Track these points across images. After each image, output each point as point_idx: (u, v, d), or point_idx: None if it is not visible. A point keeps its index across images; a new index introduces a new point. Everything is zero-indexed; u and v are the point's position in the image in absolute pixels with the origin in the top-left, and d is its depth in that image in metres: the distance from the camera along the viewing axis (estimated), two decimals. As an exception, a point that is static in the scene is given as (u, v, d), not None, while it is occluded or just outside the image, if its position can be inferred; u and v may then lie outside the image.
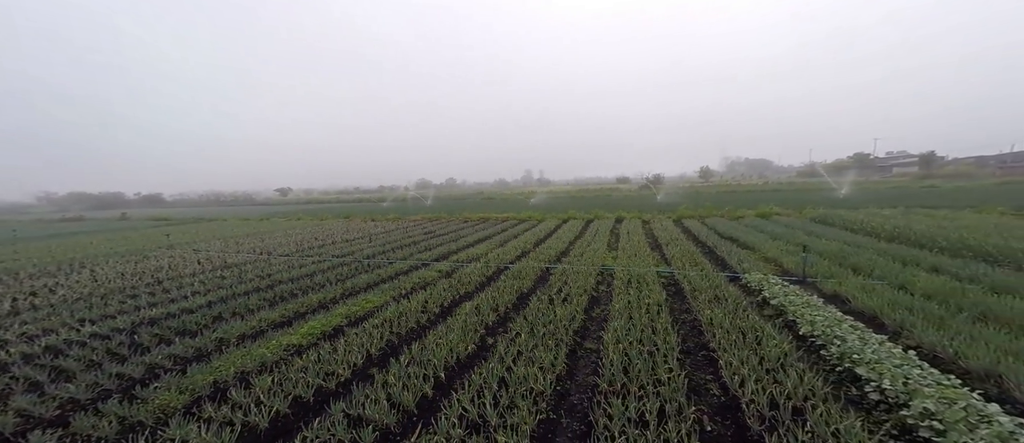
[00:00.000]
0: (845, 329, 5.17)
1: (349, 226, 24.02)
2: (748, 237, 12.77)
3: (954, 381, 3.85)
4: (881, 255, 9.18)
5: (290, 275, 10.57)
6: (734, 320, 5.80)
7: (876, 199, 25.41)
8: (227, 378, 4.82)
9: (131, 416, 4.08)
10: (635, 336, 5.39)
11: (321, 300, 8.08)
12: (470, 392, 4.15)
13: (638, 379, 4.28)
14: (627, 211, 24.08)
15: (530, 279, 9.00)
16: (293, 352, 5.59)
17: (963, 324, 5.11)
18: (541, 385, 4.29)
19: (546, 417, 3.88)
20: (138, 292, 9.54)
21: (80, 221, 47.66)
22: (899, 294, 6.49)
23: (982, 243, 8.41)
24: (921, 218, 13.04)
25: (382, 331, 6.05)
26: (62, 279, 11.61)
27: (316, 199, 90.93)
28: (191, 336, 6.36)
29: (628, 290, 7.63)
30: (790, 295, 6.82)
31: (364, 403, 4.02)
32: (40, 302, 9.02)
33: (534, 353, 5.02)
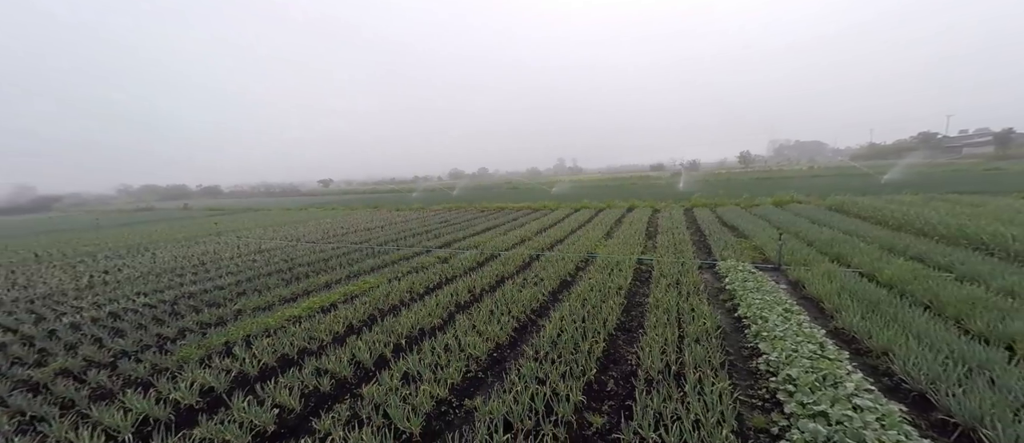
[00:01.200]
0: (776, 311, 5.49)
1: (375, 215, 25.66)
2: (749, 226, 12.68)
3: (843, 355, 4.19)
4: (871, 243, 9.04)
5: (308, 259, 11.90)
6: (679, 302, 6.23)
7: (926, 184, 23.56)
8: (236, 339, 5.95)
9: (160, 363, 5.27)
10: (581, 314, 5.99)
11: (327, 281, 9.23)
12: (418, 355, 4.97)
13: (564, 349, 4.91)
14: (642, 200, 23.97)
15: (515, 265, 9.69)
16: (293, 322, 6.67)
17: (898, 310, 5.26)
18: (479, 351, 5.04)
19: (474, 375, 4.63)
20: (184, 272, 11.21)
21: (150, 211, 53.53)
22: (861, 281, 6.57)
23: (978, 232, 8.09)
24: (939, 205, 12.31)
25: (367, 307, 7.03)
26: (128, 260, 13.70)
27: (353, 190, 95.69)
28: (217, 307, 7.65)
29: (599, 275, 8.15)
30: (749, 281, 7.08)
31: (332, 360, 4.96)
32: (110, 278, 10.88)
33: (487, 327, 5.76)
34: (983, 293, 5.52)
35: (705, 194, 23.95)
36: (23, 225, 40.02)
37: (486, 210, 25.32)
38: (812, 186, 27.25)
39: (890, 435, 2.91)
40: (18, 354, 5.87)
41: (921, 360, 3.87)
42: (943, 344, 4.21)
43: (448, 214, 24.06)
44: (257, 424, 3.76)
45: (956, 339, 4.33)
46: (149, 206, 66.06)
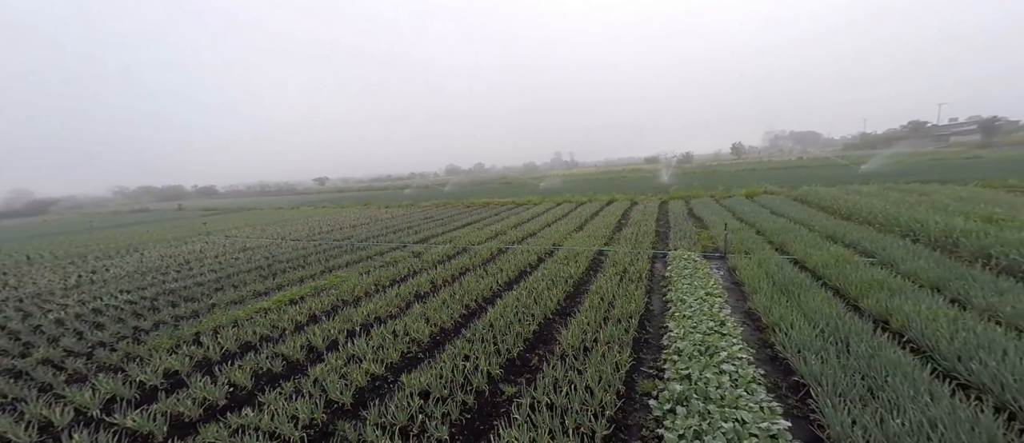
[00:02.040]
0: (698, 295, 6.01)
1: (363, 213, 26.11)
2: (712, 217, 13.20)
3: (738, 332, 4.71)
4: (814, 231, 9.57)
5: (288, 256, 12.38)
6: (617, 289, 6.74)
7: (902, 173, 24.06)
8: (205, 330, 6.44)
9: (133, 351, 5.77)
10: (526, 301, 6.50)
11: (302, 276, 9.72)
12: (367, 339, 5.48)
13: (499, 331, 5.41)
14: (625, 193, 24.46)
15: (481, 258, 10.19)
16: (261, 313, 7.16)
17: (805, 291, 5.78)
18: (422, 335, 5.56)
19: (413, 355, 5.14)
20: (168, 270, 11.68)
21: (145, 212, 53.82)
22: (790, 267, 7.07)
23: (908, 220, 8.60)
24: (891, 195, 12.82)
25: (332, 299, 7.53)
26: (117, 261, 14.16)
27: (346, 188, 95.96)
28: (193, 302, 8.14)
29: (556, 266, 8.65)
30: (688, 268, 7.58)
31: (289, 345, 5.46)
32: (96, 278, 11.35)
33: (436, 314, 6.26)
34: (887, 276, 6.04)
35: (685, 186, 24.47)
36: (18, 229, 40.33)
37: (472, 206, 25.80)
38: (793, 177, 27.76)
39: (737, 392, 3.43)
40: (4, 347, 6.35)
41: (797, 332, 4.39)
42: (826, 319, 4.73)
43: (434, 210, 24.53)
44: (209, 399, 4.27)
45: (842, 315, 4.85)
46: (144, 208, 66.34)
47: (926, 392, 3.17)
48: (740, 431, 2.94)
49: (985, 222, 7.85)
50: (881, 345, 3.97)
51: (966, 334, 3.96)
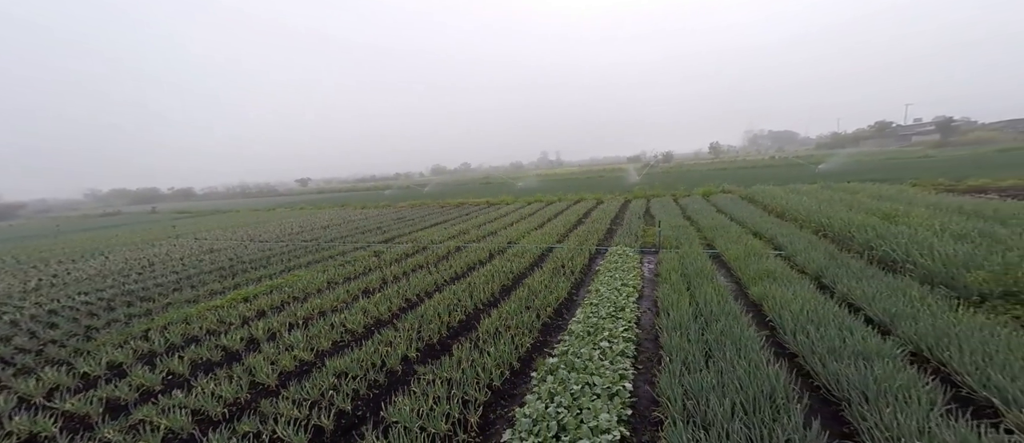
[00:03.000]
0: (614, 286, 6.64)
1: (338, 214, 26.27)
2: (663, 214, 13.96)
3: (633, 317, 5.33)
4: (743, 227, 10.36)
5: (252, 257, 12.65)
6: (548, 281, 7.33)
7: (856, 172, 25.37)
8: (155, 327, 6.79)
9: (82, 348, 6.10)
10: (463, 294, 7.03)
11: (260, 276, 10.06)
12: (305, 330, 5.93)
13: (428, 320, 5.93)
14: (595, 193, 25.20)
15: (437, 256, 10.69)
16: (212, 310, 7.52)
17: (708, 280, 6.45)
18: (358, 326, 6.04)
19: (345, 343, 5.61)
20: (130, 272, 11.84)
21: (117, 215, 52.52)
22: (708, 260, 7.77)
23: (820, 216, 9.43)
24: (824, 193, 13.79)
25: (284, 297, 7.94)
26: (80, 264, 14.19)
27: (329, 189, 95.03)
28: (150, 301, 8.44)
29: (503, 263, 9.20)
30: (618, 262, 8.23)
31: (232, 338, 5.87)
32: (57, 281, 11.46)
33: (376, 308, 6.74)
34: (781, 266, 6.77)
35: (653, 186, 25.36)
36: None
37: (446, 206, 26.22)
38: (755, 176, 28.96)
39: (603, 363, 4.03)
40: (-45, 346, 6.59)
41: (677, 315, 5.03)
42: (709, 303, 5.38)
43: (409, 211, 24.87)
44: (146, 385, 4.68)
45: (724, 299, 5.51)
46: (116, 211, 64.65)
47: (748, 358, 3.82)
48: (586, 391, 3.54)
49: (882, 219, 8.70)
50: (735, 322, 4.63)
51: (807, 312, 4.65)
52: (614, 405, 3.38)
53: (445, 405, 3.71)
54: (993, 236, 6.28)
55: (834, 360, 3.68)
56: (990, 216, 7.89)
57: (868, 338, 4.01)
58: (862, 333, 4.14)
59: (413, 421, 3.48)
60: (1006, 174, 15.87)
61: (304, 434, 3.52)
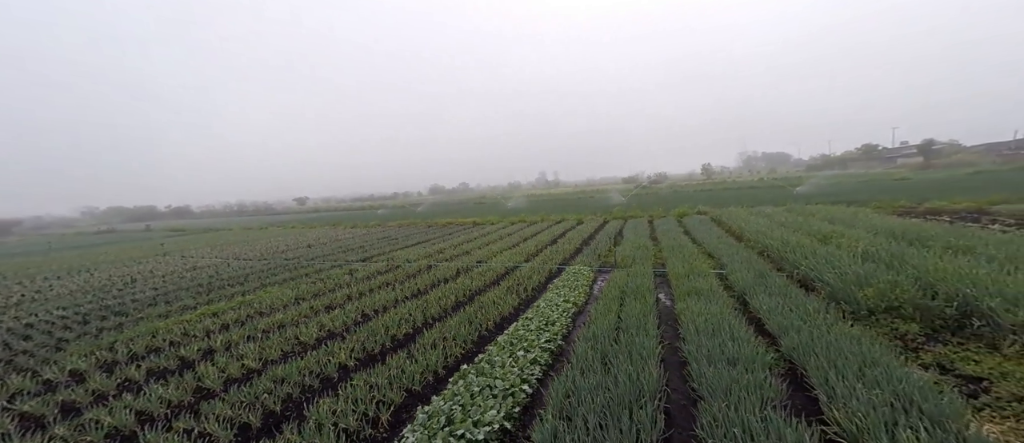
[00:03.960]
0: (556, 302, 7.10)
1: (326, 233, 26.76)
2: (632, 235, 14.50)
3: (561, 332, 5.78)
4: (699, 246, 10.89)
5: (232, 275, 13.07)
6: (499, 298, 7.78)
7: (830, 194, 26.10)
8: (123, 340, 7.19)
9: (50, 358, 6.49)
10: (419, 309, 7.47)
11: (234, 293, 10.48)
12: (261, 341, 6.34)
13: (375, 333, 6.35)
14: (578, 213, 25.81)
15: (406, 273, 11.15)
16: (181, 324, 7.93)
17: (640, 296, 6.93)
18: (311, 337, 6.47)
19: (296, 353, 6.02)
20: (111, 289, 12.23)
21: (111, 233, 52.82)
22: (649, 278, 8.25)
23: (767, 239, 9.97)
24: (783, 215, 14.38)
25: (250, 311, 8.36)
26: (64, 280, 14.57)
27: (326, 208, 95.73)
28: (123, 316, 8.84)
29: (467, 280, 9.66)
30: (570, 280, 8.71)
31: (191, 349, 6.28)
32: (39, 297, 11.84)
33: (332, 322, 7.17)
34: (713, 284, 7.25)
35: (634, 207, 26.00)
36: (-27, 250, 39.28)
37: (433, 225, 26.75)
38: (737, 197, 29.68)
39: (514, 368, 4.47)
40: (-68, 357, 6.96)
41: (597, 327, 5.48)
42: (632, 316, 5.84)
43: (396, 230, 25.37)
44: (100, 389, 5.09)
45: (647, 314, 5.97)
46: (111, 228, 64.97)
47: (636, 364, 4.27)
48: (486, 392, 3.98)
49: (819, 240, 9.25)
50: (644, 334, 5.09)
51: (711, 325, 5.12)
52: (505, 404, 3.82)
53: (362, 406, 4.13)
54: (901, 256, 6.79)
55: (710, 365, 4.14)
56: (913, 238, 8.43)
57: (749, 346, 4.47)
58: (748, 342, 4.61)
59: (329, 419, 3.91)
60: (973, 196, 16.43)
61: (231, 430, 3.94)
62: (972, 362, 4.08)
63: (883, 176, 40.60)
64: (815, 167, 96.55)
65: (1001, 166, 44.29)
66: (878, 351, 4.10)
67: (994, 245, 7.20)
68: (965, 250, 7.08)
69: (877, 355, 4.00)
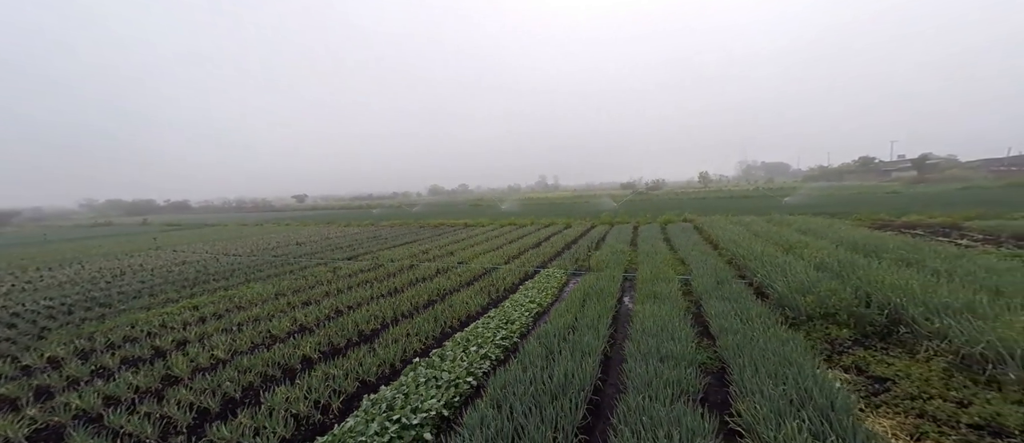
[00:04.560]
0: (523, 302, 7.39)
1: (318, 231, 27.02)
2: (613, 240, 14.79)
3: (516, 328, 6.06)
4: (673, 252, 11.18)
5: (218, 270, 13.33)
6: (470, 298, 8.06)
7: (812, 205, 26.45)
8: (103, 330, 7.45)
9: (32, 345, 6.76)
10: (384, 308, 7.74)
11: (217, 287, 10.73)
12: (232, 334, 6.62)
13: (343, 328, 6.62)
14: (567, 218, 26.11)
15: (387, 272, 11.42)
16: (161, 316, 8.19)
17: (601, 299, 7.21)
18: (281, 331, 6.74)
19: (264, 345, 6.30)
20: (99, 281, 12.49)
21: (108, 226, 53.01)
22: (615, 283, 8.54)
23: (735, 247, 10.27)
24: (760, 226, 14.68)
25: (228, 305, 8.63)
26: (56, 272, 14.81)
27: (323, 206, 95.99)
28: (107, 307, 9.11)
29: (443, 280, 9.94)
30: (541, 282, 9.00)
31: (165, 339, 6.55)
32: (28, 287, 12.09)
33: (305, 317, 7.44)
34: (673, 289, 7.54)
35: (622, 213, 26.34)
36: (-31, 240, 39.47)
37: (425, 226, 27.02)
38: (727, 206, 30.03)
39: (464, 361, 4.75)
40: (-82, 342, 7.23)
41: (552, 326, 5.76)
42: (588, 317, 6.13)
43: (388, 230, 25.64)
44: (75, 375, 5.35)
45: (602, 316, 6.26)
46: (108, 221, 65.15)
47: (576, 360, 4.55)
48: (431, 383, 4.26)
49: (784, 250, 9.55)
50: (593, 333, 5.37)
51: (659, 326, 5.40)
52: (447, 393, 4.10)
53: (316, 394, 4.41)
54: (851, 266, 7.09)
55: (643, 361, 4.42)
56: (871, 249, 8.72)
57: (686, 345, 4.76)
58: (686, 341, 4.89)
59: (282, 405, 4.18)
60: (955, 211, 16.69)
61: (189, 414, 4.21)
62: (885, 364, 4.37)
63: (875, 189, 40.99)
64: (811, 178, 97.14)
65: (993, 182, 44.64)
66: (798, 352, 4.38)
67: (943, 258, 7.51)
68: (914, 262, 7.38)
69: (796, 356, 4.29)
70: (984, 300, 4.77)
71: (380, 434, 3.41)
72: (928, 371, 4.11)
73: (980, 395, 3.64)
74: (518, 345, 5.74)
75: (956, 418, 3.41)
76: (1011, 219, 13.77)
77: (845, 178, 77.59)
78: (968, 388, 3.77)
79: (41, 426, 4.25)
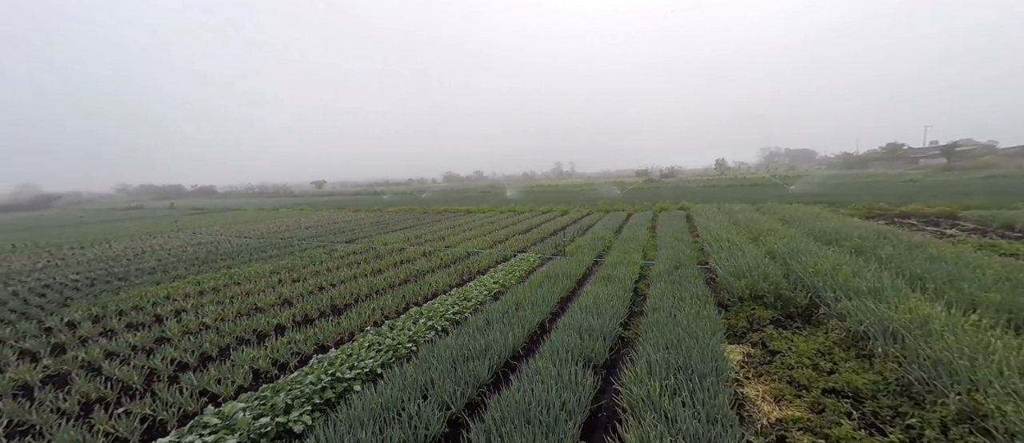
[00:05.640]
0: (488, 284, 7.94)
1: (328, 216, 28.17)
2: (600, 227, 15.14)
3: (470, 304, 6.63)
4: (653, 242, 11.50)
5: (228, 250, 14.38)
6: (445, 279, 8.67)
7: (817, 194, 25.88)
8: (114, 300, 8.41)
9: (57, 311, 7.75)
10: (364, 284, 8.44)
11: (222, 265, 11.69)
12: (225, 305, 7.43)
13: (321, 301, 7.34)
14: (572, 205, 26.41)
15: (376, 255, 12.16)
16: (168, 290, 9.12)
17: (562, 280, 7.69)
18: (267, 303, 7.51)
19: (246, 314, 7.07)
20: (122, 259, 13.70)
21: (138, 209, 56.12)
22: (582, 267, 9.00)
23: (706, 232, 10.52)
24: (746, 214, 14.70)
25: (227, 281, 9.51)
26: (87, 250, 16.22)
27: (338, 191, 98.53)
28: (123, 281, 10.14)
29: (424, 261, 10.60)
30: (511, 266, 9.53)
31: (166, 307, 7.41)
32: (61, 263, 13.39)
33: (288, 291, 8.21)
34: (631, 271, 7.95)
35: (620, 201, 26.48)
36: (17, 221, 42.65)
37: (429, 212, 27.81)
38: (735, 194, 29.65)
39: (412, 327, 5.36)
40: (-36, 307, 8.35)
41: (503, 306, 6.31)
42: (536, 296, 6.64)
43: (393, 215, 26.54)
44: (86, 335, 6.23)
45: (552, 295, 6.76)
46: (139, 205, 68.87)
47: (501, 330, 5.09)
48: (374, 346, 4.89)
49: (750, 237, 9.77)
50: (537, 308, 5.89)
51: (597, 304, 5.88)
52: (385, 356, 4.72)
53: (278, 354, 5.11)
54: (800, 252, 7.33)
55: (564, 333, 4.93)
56: (833, 238, 8.87)
57: (607, 321, 5.23)
58: (610, 318, 5.36)
59: (247, 361, 4.89)
60: (966, 200, 16.12)
61: (171, 367, 4.98)
62: (785, 340, 4.74)
63: (893, 177, 39.49)
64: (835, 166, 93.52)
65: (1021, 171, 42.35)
66: (707, 330, 4.80)
67: (899, 247, 7.65)
68: (867, 250, 7.55)
69: (702, 333, 4.71)
70: (888, 285, 5.04)
71: (315, 383, 4.06)
72: (814, 345, 4.48)
73: (848, 366, 4.02)
74: (467, 319, 6.32)
75: (815, 384, 3.80)
76: (1013, 208, 13.42)
77: (870, 166, 74.52)
78: (842, 360, 4.14)
79: (53, 373, 5.10)
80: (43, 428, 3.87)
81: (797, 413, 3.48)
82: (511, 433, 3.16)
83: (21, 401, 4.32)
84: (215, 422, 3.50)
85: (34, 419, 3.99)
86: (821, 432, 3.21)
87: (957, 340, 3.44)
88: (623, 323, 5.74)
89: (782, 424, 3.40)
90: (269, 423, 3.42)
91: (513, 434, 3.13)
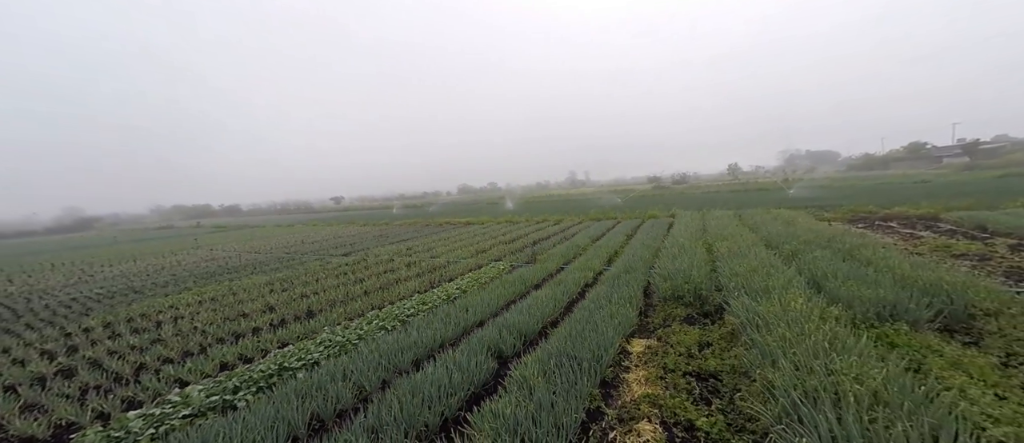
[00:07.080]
0: (454, 287, 8.69)
1: (335, 231, 29.58)
2: (582, 236, 15.71)
3: (439, 309, 7.39)
4: (627, 249, 12.02)
5: (235, 265, 15.62)
6: (411, 285, 9.47)
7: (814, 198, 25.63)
8: (127, 311, 9.54)
9: (77, 319, 8.91)
10: (341, 291, 9.31)
11: (226, 279, 12.84)
12: (219, 309, 8.42)
13: (304, 305, 8.23)
14: (567, 215, 26.98)
15: (365, 265, 13.09)
16: (173, 300, 10.23)
17: (527, 285, 8.37)
18: (252, 310, 8.46)
19: (232, 319, 8.01)
20: (143, 274, 15.10)
21: (169, 229, 59.53)
22: (543, 273, 9.64)
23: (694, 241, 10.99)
24: (724, 221, 14.99)
25: (225, 292, 10.57)
26: (115, 267, 17.81)
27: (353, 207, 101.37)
28: (139, 293, 11.36)
29: (404, 270, 11.45)
30: (484, 273, 10.25)
31: (168, 313, 8.45)
32: (91, 279, 14.88)
33: (275, 298, 9.16)
34: (586, 277, 8.55)
35: (610, 209, 26.94)
36: (59, 243, 46.15)
37: (431, 224, 28.84)
38: (736, 200, 29.61)
39: (363, 329, 6.15)
40: (4, 315, 9.64)
41: (461, 306, 7.04)
42: (488, 297, 7.34)
43: (397, 229, 27.67)
44: (96, 338, 7.28)
45: (502, 296, 7.44)
46: (170, 225, 72.93)
47: (450, 322, 5.81)
48: (326, 342, 5.70)
49: (704, 246, 10.22)
50: (486, 305, 6.60)
51: (537, 301, 6.54)
52: (332, 349, 5.51)
53: (246, 349, 5.98)
54: (735, 256, 7.79)
55: (493, 330, 5.61)
56: (777, 243, 9.25)
57: (536, 320, 5.88)
58: (540, 317, 6.01)
59: (218, 356, 5.77)
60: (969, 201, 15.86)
61: (159, 361, 5.91)
62: (681, 334, 5.28)
63: (903, 178, 38.38)
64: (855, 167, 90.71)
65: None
66: (612, 327, 5.39)
67: (835, 250, 8.01)
68: (800, 253, 7.95)
69: (606, 329, 5.31)
70: (784, 285, 5.53)
71: (264, 370, 4.88)
72: (698, 338, 5.02)
73: (715, 353, 4.56)
74: (414, 320, 7.06)
75: (681, 368, 4.37)
76: (1001, 210, 13.31)
77: (891, 166, 72.09)
78: (718, 349, 4.68)
79: (64, 367, 6.10)
80: (49, 407, 4.81)
81: (654, 391, 4.07)
82: (408, 404, 3.87)
83: (36, 388, 5.31)
84: (177, 400, 4.34)
85: (44, 401, 4.94)
86: (661, 404, 3.80)
87: (788, 330, 3.98)
88: (553, 322, 6.38)
89: (639, 400, 4.00)
90: (218, 400, 4.24)
91: (408, 403, 3.85)
